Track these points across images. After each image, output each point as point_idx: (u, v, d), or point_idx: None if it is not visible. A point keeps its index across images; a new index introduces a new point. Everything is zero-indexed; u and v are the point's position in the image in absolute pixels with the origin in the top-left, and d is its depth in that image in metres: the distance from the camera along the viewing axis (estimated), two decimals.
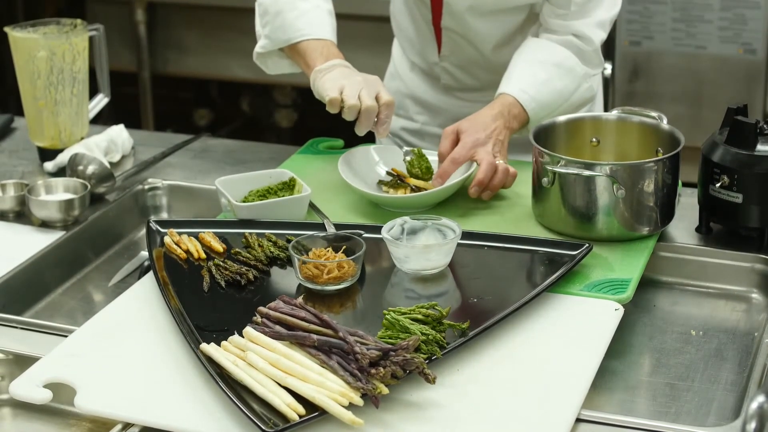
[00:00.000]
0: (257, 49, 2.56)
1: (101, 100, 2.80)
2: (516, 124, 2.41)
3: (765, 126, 2.14)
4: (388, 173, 2.39)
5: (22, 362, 1.87)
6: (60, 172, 2.57)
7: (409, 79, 2.76)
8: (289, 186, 2.30)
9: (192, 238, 2.15)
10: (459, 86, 2.68)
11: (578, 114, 2.45)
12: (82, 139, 2.65)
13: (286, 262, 2.09)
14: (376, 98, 2.30)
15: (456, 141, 2.34)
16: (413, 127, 2.75)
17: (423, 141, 2.73)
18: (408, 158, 2.39)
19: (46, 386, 1.76)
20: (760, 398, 1.57)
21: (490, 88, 2.56)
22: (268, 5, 2.51)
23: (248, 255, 2.10)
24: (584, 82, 2.51)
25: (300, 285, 2.02)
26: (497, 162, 2.29)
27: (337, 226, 2.18)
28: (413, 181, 2.33)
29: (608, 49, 4.31)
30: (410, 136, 2.77)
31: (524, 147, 2.55)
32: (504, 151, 2.34)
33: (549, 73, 2.46)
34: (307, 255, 2.03)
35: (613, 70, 4.31)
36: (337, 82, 2.32)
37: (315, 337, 1.73)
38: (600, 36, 2.52)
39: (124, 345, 1.87)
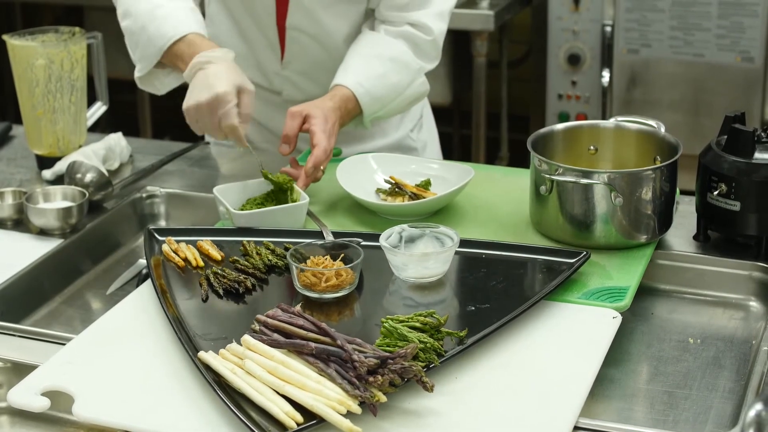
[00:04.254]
0: (137, 73, 2.53)
1: (99, 108, 2.80)
2: (348, 119, 2.45)
3: (762, 134, 2.15)
4: (386, 181, 2.39)
5: (20, 370, 1.87)
6: (58, 180, 2.57)
7: None
8: (287, 194, 2.30)
9: (190, 246, 2.15)
10: (303, 97, 2.60)
11: (576, 122, 2.45)
12: (80, 147, 2.65)
13: (284, 270, 2.09)
14: (228, 112, 2.26)
15: (303, 123, 2.35)
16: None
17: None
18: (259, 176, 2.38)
19: (44, 394, 1.76)
20: (758, 406, 1.57)
21: None
22: (130, 26, 2.49)
23: (246, 263, 2.10)
24: (418, 76, 2.54)
25: (298, 293, 2.02)
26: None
27: (335, 234, 2.18)
28: (411, 189, 2.34)
29: (606, 56, 4.32)
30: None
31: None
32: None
33: (385, 68, 2.48)
34: (306, 263, 2.03)
35: (611, 77, 4.32)
36: (193, 116, 2.30)
37: (313, 345, 1.73)
38: (439, 27, 2.54)
39: (122, 353, 1.86)
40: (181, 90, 2.65)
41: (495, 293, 2.01)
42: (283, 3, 2.52)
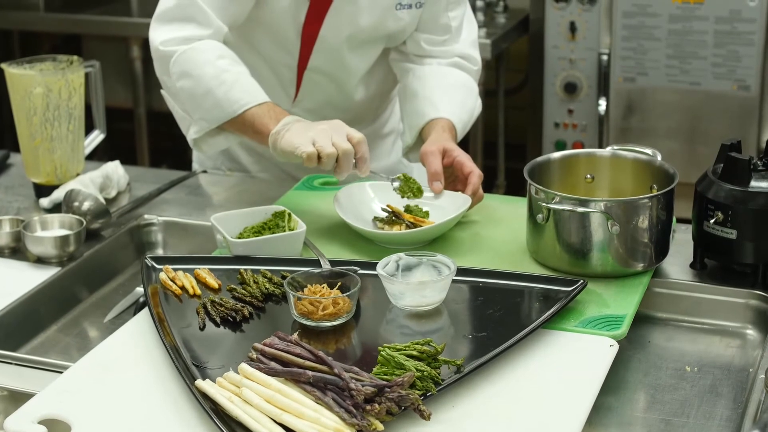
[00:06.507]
0: (193, 134, 2.50)
1: (97, 137, 2.81)
2: None
3: (758, 162, 2.15)
4: (383, 209, 2.40)
5: (17, 398, 1.87)
6: (56, 209, 2.57)
7: None
8: (284, 222, 2.30)
9: (187, 274, 2.15)
10: None
11: (573, 151, 2.46)
12: (77, 175, 2.65)
13: (282, 299, 2.09)
14: (348, 140, 2.26)
15: (443, 158, 2.40)
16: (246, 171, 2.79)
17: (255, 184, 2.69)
18: (396, 184, 2.40)
19: (40, 422, 1.75)
20: None
21: None
22: (192, 88, 2.44)
23: (243, 291, 2.10)
24: (478, 99, 2.67)
25: (295, 321, 2.02)
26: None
27: (333, 263, 2.18)
28: (408, 217, 2.34)
29: (602, 85, 4.33)
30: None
31: None
32: None
33: (462, 95, 2.60)
34: (303, 291, 2.03)
35: (607, 106, 4.33)
36: (305, 135, 2.26)
37: (310, 373, 1.73)
38: (479, 55, 2.70)
39: (119, 381, 1.86)
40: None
41: (492, 321, 2.01)
42: (308, 44, 2.55)
